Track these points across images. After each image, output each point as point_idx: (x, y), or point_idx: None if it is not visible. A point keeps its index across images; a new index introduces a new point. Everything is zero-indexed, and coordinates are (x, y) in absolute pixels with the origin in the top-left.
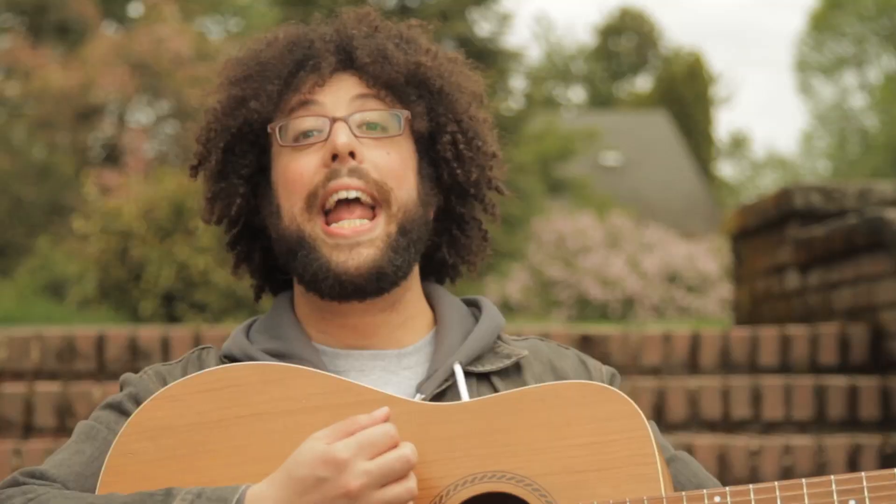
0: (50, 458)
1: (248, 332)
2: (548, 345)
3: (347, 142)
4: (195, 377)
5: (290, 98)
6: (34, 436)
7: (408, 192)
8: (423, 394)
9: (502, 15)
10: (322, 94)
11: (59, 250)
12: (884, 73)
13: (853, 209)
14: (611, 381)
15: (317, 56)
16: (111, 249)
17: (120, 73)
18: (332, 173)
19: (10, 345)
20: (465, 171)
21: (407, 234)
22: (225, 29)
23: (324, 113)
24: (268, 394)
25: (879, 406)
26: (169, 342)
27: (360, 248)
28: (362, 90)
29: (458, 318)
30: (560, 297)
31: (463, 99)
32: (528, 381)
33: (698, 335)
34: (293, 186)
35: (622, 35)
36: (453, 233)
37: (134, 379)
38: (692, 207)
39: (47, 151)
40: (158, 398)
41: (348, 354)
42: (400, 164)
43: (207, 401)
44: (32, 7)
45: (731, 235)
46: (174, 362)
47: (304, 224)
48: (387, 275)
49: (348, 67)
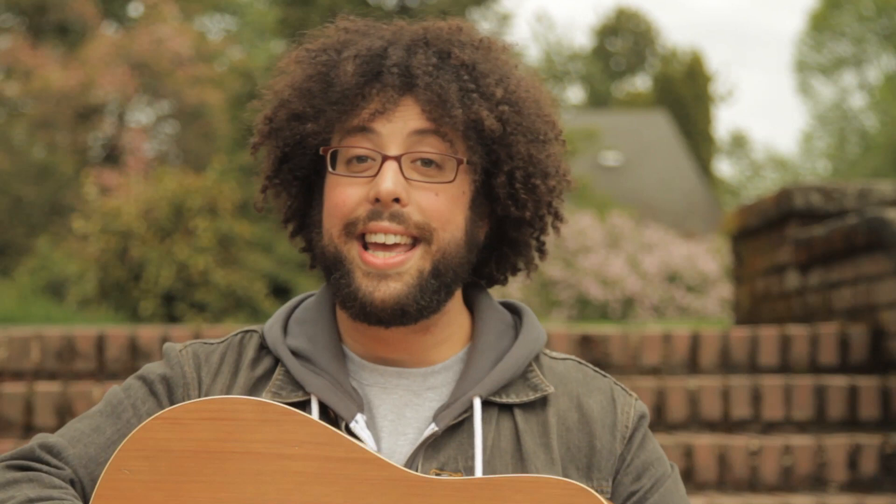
0: (72, 426)
1: (288, 318)
2: (583, 372)
3: (392, 189)
4: (199, 403)
5: (347, 120)
6: (34, 436)
7: (452, 234)
8: (437, 425)
9: (502, 15)
10: (381, 123)
11: (59, 250)
12: (883, 73)
13: (853, 209)
14: (637, 423)
15: (383, 81)
16: (111, 249)
17: (120, 73)
18: (374, 214)
19: (10, 345)
20: (519, 208)
21: (440, 276)
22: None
23: (379, 145)
24: (263, 433)
25: (879, 406)
26: (169, 342)
27: (388, 280)
28: (424, 124)
29: (496, 337)
30: (560, 297)
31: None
32: (549, 419)
33: (698, 335)
34: (335, 211)
35: (619, 35)
36: (504, 251)
37: (173, 355)
38: (692, 207)
39: (47, 151)
40: (159, 419)
41: (374, 368)
42: (448, 206)
43: (207, 429)
44: (32, 7)
45: (731, 235)
46: (215, 342)
47: (341, 246)
48: (409, 313)
49: (415, 90)
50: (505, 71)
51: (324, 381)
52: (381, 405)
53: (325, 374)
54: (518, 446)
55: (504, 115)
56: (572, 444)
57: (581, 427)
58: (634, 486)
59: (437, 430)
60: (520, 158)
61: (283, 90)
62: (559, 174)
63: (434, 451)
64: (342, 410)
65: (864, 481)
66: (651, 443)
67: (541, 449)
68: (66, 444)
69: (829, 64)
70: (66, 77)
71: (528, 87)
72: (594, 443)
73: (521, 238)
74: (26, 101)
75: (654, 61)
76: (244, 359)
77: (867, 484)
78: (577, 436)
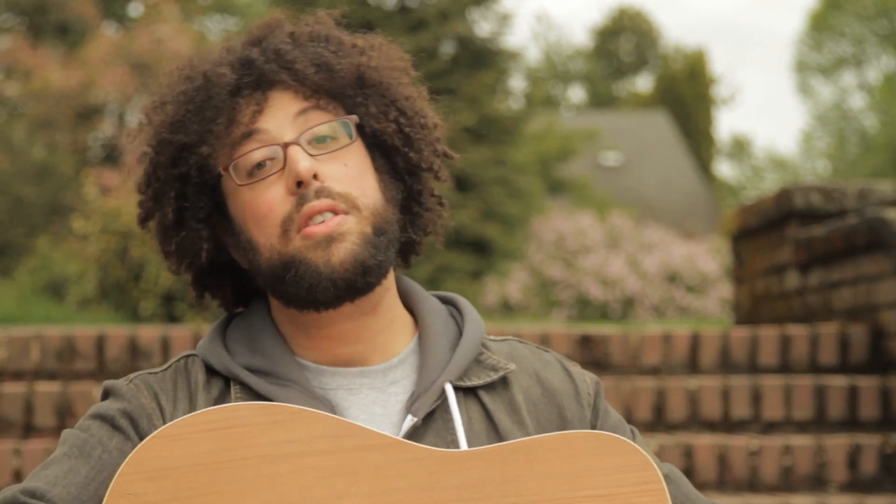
0: (42, 473)
1: (223, 339)
2: (529, 349)
3: (309, 166)
4: (199, 415)
5: (231, 131)
6: (34, 436)
7: (372, 195)
8: (414, 416)
9: (502, 15)
10: (263, 120)
11: (59, 250)
12: (883, 74)
13: (853, 209)
14: (595, 389)
15: (248, 80)
16: (111, 249)
17: (120, 73)
18: (301, 198)
19: (10, 345)
20: (415, 151)
21: (384, 233)
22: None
23: (272, 140)
24: (273, 435)
25: (879, 406)
26: (169, 342)
27: (336, 242)
28: (302, 105)
29: (442, 324)
30: (560, 297)
31: (396, 82)
32: (515, 396)
33: (698, 335)
34: (265, 220)
35: (621, 35)
36: (414, 210)
37: (122, 390)
38: (692, 207)
39: (47, 151)
40: (159, 437)
41: (335, 372)
42: (357, 171)
43: (211, 440)
44: (32, 7)
45: (731, 235)
46: (160, 370)
47: (284, 248)
48: (371, 268)
49: (281, 84)
50: (349, 36)
51: (291, 390)
52: (350, 407)
53: (290, 383)
54: (492, 426)
55: (368, 64)
56: (542, 418)
57: (546, 401)
58: None
59: (417, 419)
60: (397, 101)
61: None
62: (432, 112)
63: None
64: None
65: (864, 481)
66: (611, 408)
67: (515, 427)
68: (47, 487)
69: (828, 64)
70: (66, 77)
71: (378, 43)
72: (564, 413)
73: (424, 188)
74: (26, 101)
75: (655, 61)
76: (196, 382)
77: (867, 484)
78: (545, 409)
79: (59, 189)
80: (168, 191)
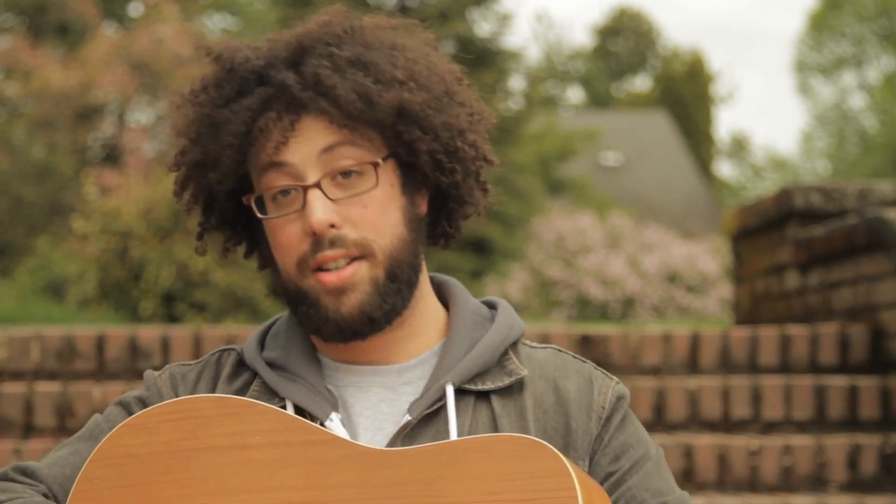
0: (53, 454)
1: (265, 335)
2: (562, 358)
3: (323, 218)
4: (161, 406)
5: (256, 156)
6: (34, 436)
7: (390, 236)
8: (411, 415)
9: (502, 15)
10: (288, 152)
11: (59, 250)
12: (883, 74)
13: (853, 209)
14: (615, 404)
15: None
16: (111, 249)
17: (120, 73)
18: (316, 245)
19: (10, 345)
20: (448, 175)
21: (396, 279)
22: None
23: (295, 176)
24: (224, 427)
25: (879, 406)
26: (169, 342)
27: (346, 293)
28: (332, 138)
29: (470, 328)
30: (560, 297)
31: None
32: (526, 402)
33: (698, 335)
34: (284, 252)
35: (620, 35)
36: (450, 206)
37: (150, 380)
38: (692, 207)
39: (47, 151)
40: (126, 426)
41: (349, 369)
42: (378, 211)
43: (172, 430)
44: (32, 7)
45: (731, 235)
46: (193, 363)
47: (300, 281)
48: (376, 319)
49: (316, 111)
50: (389, 50)
51: (297, 385)
52: (357, 403)
53: (299, 378)
54: (495, 431)
55: (406, 95)
56: (549, 425)
57: (557, 409)
58: (612, 466)
59: (411, 419)
60: (434, 130)
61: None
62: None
63: (410, 442)
64: (316, 410)
65: (864, 481)
66: (632, 425)
67: (517, 432)
68: (41, 467)
69: (828, 64)
70: (66, 77)
71: (416, 56)
72: (570, 423)
73: (462, 192)
74: (26, 101)
75: (655, 61)
76: (221, 374)
77: (867, 484)
78: (553, 418)
79: (59, 189)
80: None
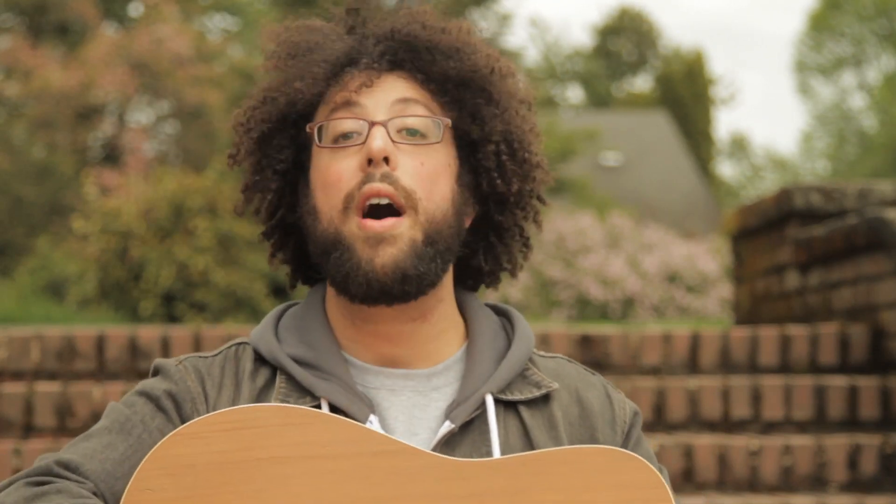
0: (81, 445)
1: (277, 327)
2: (575, 368)
3: (383, 146)
4: (217, 415)
5: (333, 94)
6: (34, 436)
7: (437, 203)
8: (453, 423)
9: (502, 15)
10: (367, 95)
11: (59, 250)
12: (883, 74)
13: (853, 209)
14: (633, 420)
15: (369, 55)
16: (111, 249)
17: (120, 73)
18: (367, 177)
19: (10, 345)
20: (505, 181)
21: (433, 244)
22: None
23: (364, 116)
24: (288, 437)
25: (879, 406)
26: (169, 342)
27: (385, 244)
28: (407, 94)
29: (491, 336)
30: (560, 297)
31: (512, 107)
32: (555, 413)
33: (698, 335)
34: (332, 189)
35: (621, 35)
36: (490, 240)
37: (171, 371)
38: (692, 207)
39: (47, 151)
40: (179, 434)
41: (379, 371)
42: (433, 173)
43: (229, 440)
44: (32, 7)
45: (731, 235)
46: (210, 355)
47: (341, 225)
48: (410, 277)
49: (398, 69)
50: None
51: (333, 384)
52: (391, 407)
53: (332, 377)
54: (528, 441)
55: (489, 79)
56: (575, 437)
57: (582, 422)
58: None
59: (455, 426)
60: (507, 126)
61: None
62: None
63: (449, 450)
64: (355, 412)
65: (864, 481)
66: (644, 441)
67: (551, 443)
68: (82, 461)
69: (828, 64)
70: (66, 77)
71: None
72: (596, 435)
73: (506, 223)
74: (26, 101)
75: (655, 62)
76: (243, 371)
77: (867, 484)
78: (579, 430)
79: (59, 189)
80: (254, 132)
